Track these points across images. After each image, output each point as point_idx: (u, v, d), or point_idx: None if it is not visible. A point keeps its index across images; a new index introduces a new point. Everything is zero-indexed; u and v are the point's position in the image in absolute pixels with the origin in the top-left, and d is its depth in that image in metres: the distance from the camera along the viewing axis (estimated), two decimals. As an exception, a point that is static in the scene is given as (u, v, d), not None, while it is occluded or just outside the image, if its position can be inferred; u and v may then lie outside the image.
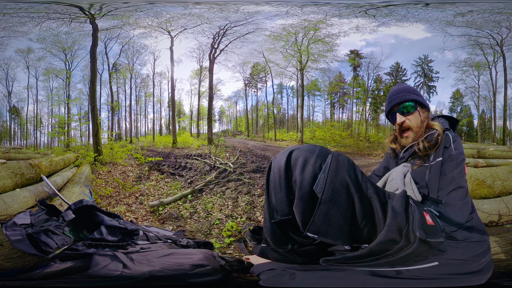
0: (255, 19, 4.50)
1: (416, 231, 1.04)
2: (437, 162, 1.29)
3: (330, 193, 0.98)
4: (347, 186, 1.01)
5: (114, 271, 1.11)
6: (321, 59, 6.06)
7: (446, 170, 1.27)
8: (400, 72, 6.59)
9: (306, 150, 1.08)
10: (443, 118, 1.45)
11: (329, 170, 1.00)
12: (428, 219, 1.12)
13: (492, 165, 3.25)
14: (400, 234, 1.03)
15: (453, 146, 1.28)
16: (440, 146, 1.30)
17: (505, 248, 1.53)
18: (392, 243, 1.02)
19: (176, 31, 5.01)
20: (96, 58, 4.84)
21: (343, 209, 1.00)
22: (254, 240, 1.92)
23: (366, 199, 1.06)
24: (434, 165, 1.30)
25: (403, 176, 1.32)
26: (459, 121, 1.47)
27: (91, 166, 4.43)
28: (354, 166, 1.09)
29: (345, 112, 7.34)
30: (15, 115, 5.60)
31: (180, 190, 3.66)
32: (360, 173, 1.09)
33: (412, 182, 1.30)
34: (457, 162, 1.26)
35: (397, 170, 1.36)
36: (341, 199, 0.99)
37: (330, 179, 0.99)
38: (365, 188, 1.07)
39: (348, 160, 1.08)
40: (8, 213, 2.19)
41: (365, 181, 1.09)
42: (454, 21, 4.01)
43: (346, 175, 1.01)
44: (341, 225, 1.00)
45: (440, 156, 1.29)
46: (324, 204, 0.98)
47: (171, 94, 6.68)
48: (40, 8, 3.85)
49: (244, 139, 7.70)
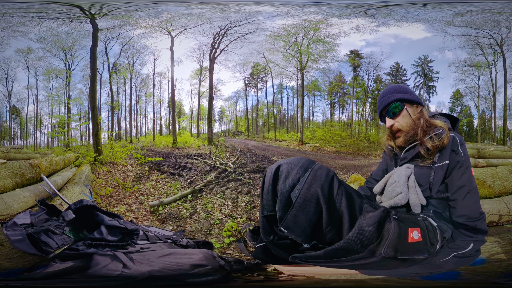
0: (255, 19, 4.50)
1: (384, 249, 1.14)
2: (443, 164, 1.26)
3: (301, 201, 1.19)
4: (317, 197, 1.19)
5: (114, 271, 1.11)
6: (321, 59, 6.05)
7: (457, 176, 1.26)
8: (400, 72, 6.59)
9: (292, 163, 1.31)
10: (444, 117, 1.42)
11: (304, 183, 1.20)
12: (413, 236, 1.18)
13: (492, 165, 3.24)
14: (362, 247, 1.15)
15: (461, 151, 1.26)
16: (447, 148, 1.26)
17: (505, 248, 1.53)
18: (346, 252, 1.16)
19: (177, 31, 5.01)
20: (96, 58, 4.84)
21: (309, 215, 1.19)
22: (254, 240, 1.92)
23: (335, 211, 1.22)
24: (439, 167, 1.27)
25: (407, 178, 1.28)
26: (459, 119, 1.43)
27: (91, 166, 4.43)
28: (332, 181, 1.24)
29: (345, 112, 7.33)
30: (15, 115, 5.60)
31: (180, 190, 3.66)
32: (337, 187, 1.23)
33: (417, 185, 1.27)
34: (466, 166, 1.26)
35: (399, 172, 1.31)
36: (309, 207, 1.19)
37: (304, 190, 1.20)
38: (337, 201, 1.22)
39: (327, 174, 1.24)
40: (8, 213, 2.19)
41: (340, 195, 1.23)
42: (453, 21, 4.01)
43: (319, 188, 1.19)
44: (305, 226, 1.21)
45: (447, 159, 1.26)
46: (295, 208, 1.20)
47: (171, 94, 6.68)
48: (39, 8, 3.85)
49: (244, 139, 7.69)
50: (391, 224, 1.17)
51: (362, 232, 1.16)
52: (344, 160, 6.28)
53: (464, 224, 1.24)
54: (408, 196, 1.25)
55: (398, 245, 1.14)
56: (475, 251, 1.22)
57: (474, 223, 1.23)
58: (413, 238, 1.17)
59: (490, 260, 1.38)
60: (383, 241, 1.15)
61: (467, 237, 1.24)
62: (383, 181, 1.36)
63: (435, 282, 1.17)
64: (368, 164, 5.53)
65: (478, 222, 1.23)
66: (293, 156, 6.20)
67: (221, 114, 8.01)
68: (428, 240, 1.20)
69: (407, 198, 1.25)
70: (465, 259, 1.20)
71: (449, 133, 1.28)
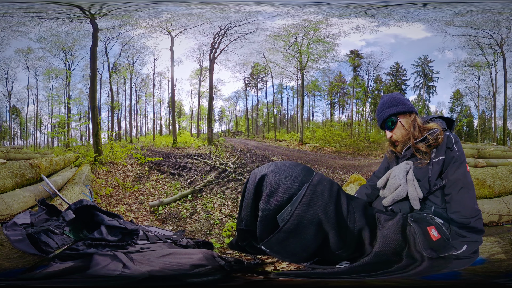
0: (255, 19, 4.50)
1: (422, 251, 1.08)
2: (439, 160, 1.33)
3: (293, 226, 0.94)
4: (319, 223, 0.96)
5: (114, 271, 1.11)
6: (321, 59, 6.06)
7: (451, 171, 1.31)
8: (400, 72, 6.59)
9: (281, 174, 1.02)
10: (440, 119, 1.49)
11: (298, 204, 0.94)
12: (434, 234, 1.15)
13: (492, 165, 3.25)
14: (397, 256, 1.04)
15: (456, 148, 1.32)
16: (442, 145, 1.34)
17: (505, 248, 1.53)
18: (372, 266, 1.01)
19: (177, 31, 5.01)
20: (96, 58, 4.84)
21: (305, 241, 0.96)
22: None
23: (348, 232, 1.03)
24: (435, 162, 1.33)
25: (406, 173, 1.35)
26: (454, 121, 1.52)
27: (91, 166, 4.43)
28: (339, 198, 1.03)
29: (345, 112, 7.33)
30: (15, 115, 5.60)
31: (180, 190, 3.66)
32: (346, 204, 1.04)
33: (415, 179, 1.33)
34: (460, 162, 1.31)
35: (399, 167, 1.40)
36: (305, 233, 0.95)
37: (297, 214, 0.93)
38: (350, 221, 1.03)
39: (331, 190, 1.01)
40: (8, 213, 2.19)
41: (351, 212, 1.04)
42: (453, 21, 4.01)
43: (321, 211, 0.95)
44: (297, 252, 0.98)
45: (442, 155, 1.32)
46: (283, 233, 0.94)
47: (171, 94, 6.68)
48: (39, 8, 3.85)
49: (244, 139, 7.70)
50: (412, 227, 1.13)
51: (390, 242, 1.06)
52: (344, 160, 6.29)
53: (458, 221, 1.24)
54: (406, 189, 1.31)
55: (431, 245, 1.11)
56: (470, 253, 1.19)
57: (468, 220, 1.23)
58: (434, 236, 1.15)
59: (490, 260, 1.39)
60: (412, 245, 1.09)
61: (460, 237, 1.22)
62: (386, 176, 1.43)
63: (434, 282, 1.17)
64: (368, 164, 5.53)
65: (472, 220, 1.23)
66: (293, 156, 6.20)
67: (221, 114, 8.01)
68: (444, 236, 1.20)
69: (406, 190, 1.31)
70: (459, 261, 1.18)
71: (443, 133, 1.37)
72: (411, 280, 1.15)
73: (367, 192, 1.62)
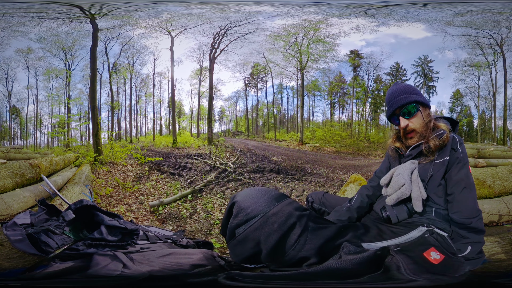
0: (255, 19, 4.50)
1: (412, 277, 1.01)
2: (444, 160, 1.32)
3: (241, 238, 1.24)
4: (258, 243, 1.21)
5: (114, 271, 1.11)
6: (321, 59, 6.06)
7: (455, 171, 1.30)
8: (400, 72, 6.59)
9: (246, 202, 1.29)
10: (444, 120, 1.47)
11: (249, 227, 1.22)
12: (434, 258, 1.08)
13: (492, 165, 3.25)
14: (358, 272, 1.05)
15: (460, 149, 1.33)
16: (447, 146, 1.33)
17: (505, 248, 1.53)
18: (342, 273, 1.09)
19: (177, 31, 5.01)
20: (96, 58, 4.83)
21: (245, 250, 1.24)
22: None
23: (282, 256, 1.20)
24: (439, 162, 1.32)
25: (411, 172, 1.34)
26: (458, 122, 1.50)
27: (91, 166, 4.42)
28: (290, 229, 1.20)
29: (345, 112, 7.34)
30: (15, 115, 5.60)
31: (180, 190, 3.66)
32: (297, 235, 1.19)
33: (419, 179, 1.32)
34: (464, 163, 1.31)
35: (404, 166, 1.37)
36: (247, 245, 1.24)
37: (245, 234, 1.23)
38: (294, 249, 1.18)
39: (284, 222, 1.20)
40: (8, 213, 2.20)
41: (301, 243, 1.18)
42: (453, 21, 4.01)
43: (263, 236, 1.20)
44: (242, 258, 1.27)
45: (447, 156, 1.32)
46: (235, 240, 1.26)
47: (171, 94, 6.68)
48: (39, 8, 3.85)
49: (244, 139, 7.70)
50: (395, 257, 1.06)
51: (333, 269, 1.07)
52: (344, 160, 6.28)
53: (459, 221, 1.24)
54: (411, 188, 1.30)
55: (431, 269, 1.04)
56: (476, 254, 1.19)
57: (469, 220, 1.22)
58: (436, 259, 1.08)
59: (490, 260, 1.39)
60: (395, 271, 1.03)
61: (463, 239, 1.22)
62: (390, 174, 1.40)
63: (434, 282, 1.17)
64: (368, 164, 5.53)
65: (474, 220, 1.23)
66: (293, 156, 6.19)
67: (221, 114, 8.01)
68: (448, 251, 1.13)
69: (410, 189, 1.30)
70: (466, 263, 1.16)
71: (449, 134, 1.36)
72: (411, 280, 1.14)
73: (368, 193, 1.60)
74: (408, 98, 1.41)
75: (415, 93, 1.43)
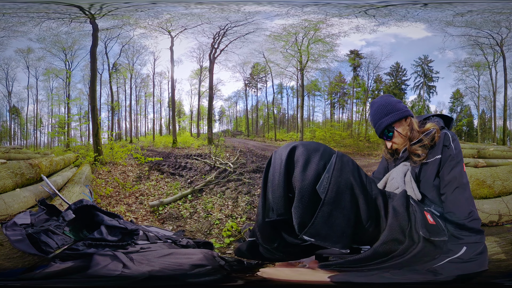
0: (255, 19, 4.50)
1: (419, 230, 1.08)
2: (435, 159, 1.31)
3: (334, 194, 0.92)
4: (352, 187, 0.96)
5: (114, 271, 1.11)
6: (321, 59, 6.05)
7: (447, 170, 1.28)
8: (400, 72, 6.59)
9: (310, 147, 1.00)
10: (438, 117, 1.47)
11: (333, 170, 0.94)
12: (429, 219, 1.15)
13: (492, 165, 3.24)
14: (403, 234, 1.05)
15: (453, 146, 1.29)
16: (439, 144, 1.31)
17: (505, 248, 1.53)
18: (396, 243, 1.04)
19: (177, 31, 5.01)
20: (96, 58, 4.84)
21: (346, 211, 0.94)
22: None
23: (371, 200, 1.05)
24: (432, 162, 1.31)
25: (403, 175, 1.35)
26: (453, 119, 1.49)
27: (91, 166, 4.42)
28: (358, 168, 1.08)
29: (345, 112, 7.33)
30: (15, 115, 5.60)
31: (180, 190, 3.66)
32: (364, 175, 1.09)
33: (412, 180, 1.32)
34: (457, 161, 1.27)
35: (397, 169, 1.39)
36: (345, 201, 0.94)
37: (335, 179, 0.93)
38: (369, 189, 1.05)
39: (352, 161, 1.06)
40: (8, 213, 2.19)
41: (369, 182, 1.09)
42: (453, 21, 4.01)
43: (351, 176, 0.97)
44: (343, 228, 0.95)
45: (439, 154, 1.30)
46: (327, 205, 0.92)
47: (171, 94, 6.68)
48: (39, 8, 3.85)
49: (244, 139, 7.70)
50: (414, 206, 1.15)
51: (397, 214, 1.06)
52: (344, 160, 6.27)
53: (452, 222, 1.22)
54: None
55: (426, 226, 1.12)
56: (475, 255, 1.15)
57: (462, 221, 1.19)
58: (430, 220, 1.16)
59: (490, 260, 1.38)
60: (413, 224, 1.09)
61: (457, 239, 1.19)
62: (385, 179, 1.43)
63: (434, 282, 1.17)
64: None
65: (467, 221, 1.19)
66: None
67: (221, 114, 8.01)
68: (439, 223, 1.21)
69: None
70: (466, 265, 1.13)
71: (440, 131, 1.34)
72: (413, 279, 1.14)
73: None
74: (381, 125, 1.41)
75: (386, 113, 1.39)
